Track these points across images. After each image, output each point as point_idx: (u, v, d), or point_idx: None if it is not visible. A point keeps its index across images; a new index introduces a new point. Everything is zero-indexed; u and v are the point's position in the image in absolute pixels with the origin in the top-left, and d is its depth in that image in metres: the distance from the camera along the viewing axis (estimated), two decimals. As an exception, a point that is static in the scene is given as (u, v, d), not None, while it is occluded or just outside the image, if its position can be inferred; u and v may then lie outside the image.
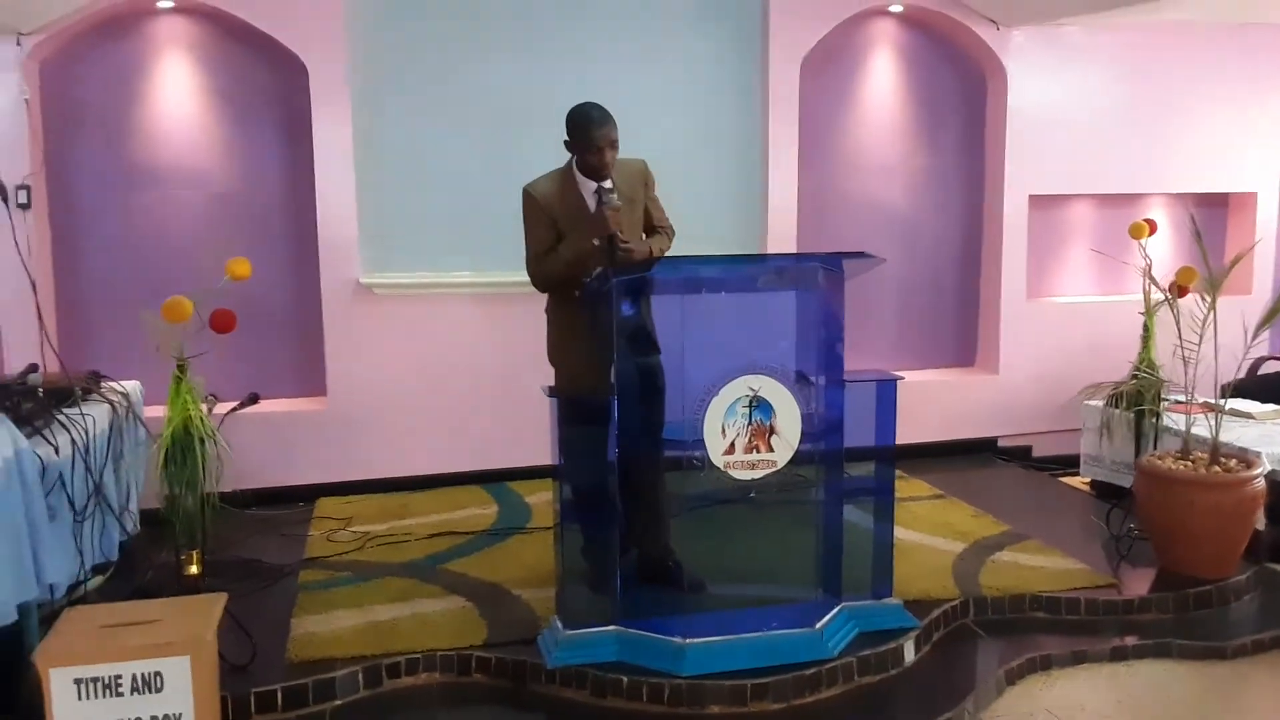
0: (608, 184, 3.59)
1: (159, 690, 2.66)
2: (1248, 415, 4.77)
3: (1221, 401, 4.15)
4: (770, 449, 3.28)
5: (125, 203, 4.93)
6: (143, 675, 2.65)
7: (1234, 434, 4.40)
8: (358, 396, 5.08)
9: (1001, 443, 5.97)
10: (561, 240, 3.65)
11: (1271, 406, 4.86)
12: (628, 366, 3.34)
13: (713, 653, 3.22)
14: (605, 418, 3.29)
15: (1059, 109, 5.78)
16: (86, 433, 3.58)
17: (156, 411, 4.06)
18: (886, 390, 3.52)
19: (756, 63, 5.45)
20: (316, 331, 5.09)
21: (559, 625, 3.37)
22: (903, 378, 3.57)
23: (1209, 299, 4.05)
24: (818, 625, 3.34)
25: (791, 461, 3.31)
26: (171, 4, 4.83)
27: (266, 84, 5.03)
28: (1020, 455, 5.91)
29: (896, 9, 5.63)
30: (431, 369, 5.15)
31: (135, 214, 4.95)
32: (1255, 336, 4.03)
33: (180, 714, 2.68)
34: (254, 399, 4.44)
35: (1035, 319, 5.92)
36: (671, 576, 3.48)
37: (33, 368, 4.06)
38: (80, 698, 2.62)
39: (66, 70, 4.81)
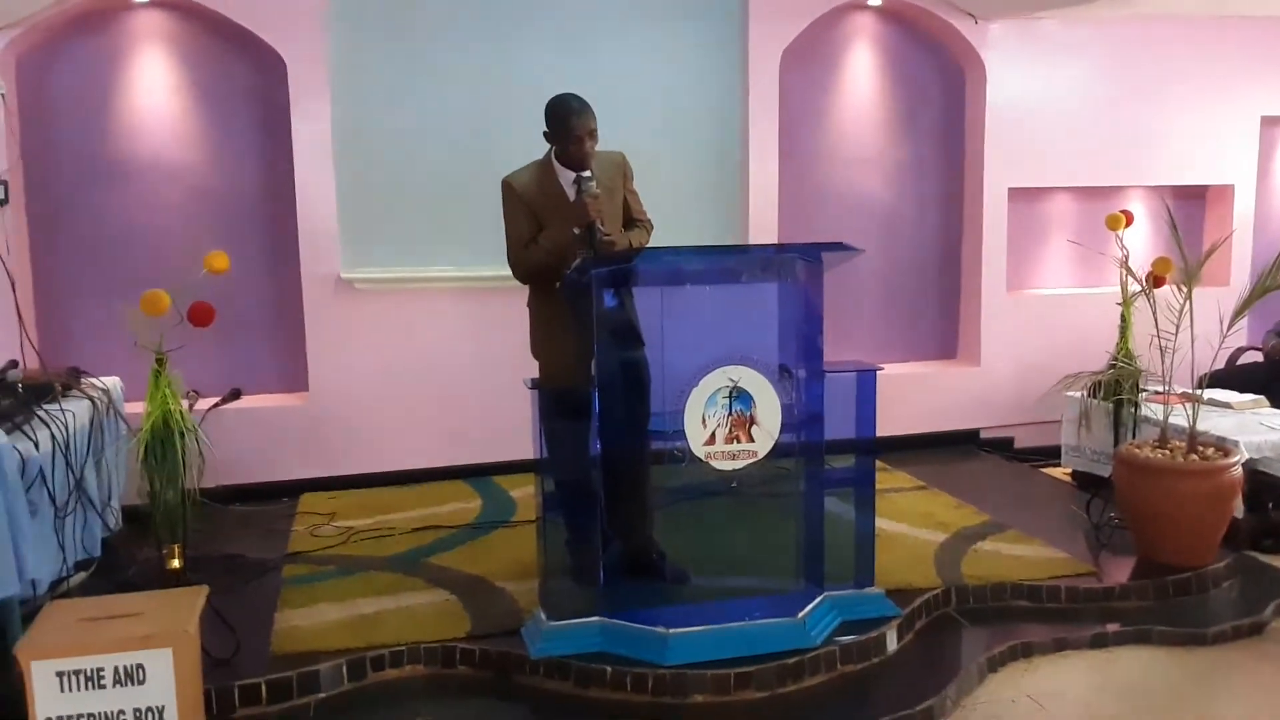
0: (586, 173, 3.58)
1: (141, 683, 2.65)
2: (1226, 405, 4.80)
3: (1199, 391, 4.18)
4: (751, 439, 3.29)
5: (104, 197, 4.91)
6: (125, 668, 2.64)
7: (1212, 423, 4.43)
8: (340, 392, 5.07)
9: (984, 434, 6.00)
10: (542, 231, 3.64)
11: (1250, 396, 4.89)
12: (612, 360, 3.33)
13: (696, 642, 3.23)
14: (587, 410, 3.29)
15: (1037, 102, 5.81)
16: (67, 428, 3.57)
17: (138, 408, 4.04)
18: (866, 381, 3.53)
19: (737, 55, 5.46)
20: (298, 327, 5.07)
21: (542, 617, 3.37)
22: (882, 368, 3.60)
23: (1185, 289, 4.08)
24: (800, 615, 3.36)
25: (772, 452, 3.32)
26: (149, -2, 4.81)
27: (244, 78, 5.02)
28: (1002, 447, 5.93)
29: (875, 3, 5.65)
30: (414, 364, 5.14)
31: (114, 209, 4.92)
32: (1231, 326, 4.05)
33: (163, 707, 2.67)
34: (236, 394, 4.41)
35: (1016, 311, 5.96)
36: (655, 568, 3.49)
37: (12, 364, 4.05)
38: (63, 690, 2.61)
39: (43, 65, 4.78)
